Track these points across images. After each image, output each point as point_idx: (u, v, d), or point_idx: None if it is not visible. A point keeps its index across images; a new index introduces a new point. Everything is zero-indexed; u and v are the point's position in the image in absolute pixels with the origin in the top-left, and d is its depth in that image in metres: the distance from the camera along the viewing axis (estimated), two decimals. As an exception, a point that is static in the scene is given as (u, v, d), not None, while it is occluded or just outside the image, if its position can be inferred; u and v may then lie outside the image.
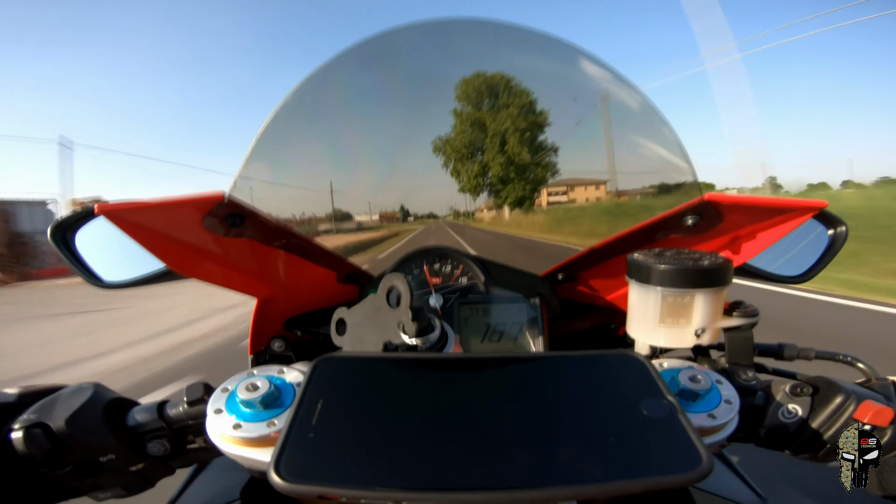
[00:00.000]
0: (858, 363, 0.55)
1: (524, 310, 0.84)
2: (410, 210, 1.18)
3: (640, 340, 0.55)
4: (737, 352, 0.52)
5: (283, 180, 0.90)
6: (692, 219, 0.60)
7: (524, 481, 0.30)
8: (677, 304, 0.51)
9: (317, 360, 0.41)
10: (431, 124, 1.01)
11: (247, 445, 0.40)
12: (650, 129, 0.78)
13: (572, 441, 0.33)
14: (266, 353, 0.81)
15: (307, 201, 1.03)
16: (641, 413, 0.35)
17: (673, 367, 0.48)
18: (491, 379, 0.39)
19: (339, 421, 0.35)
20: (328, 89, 0.82)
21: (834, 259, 0.69)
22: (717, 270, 0.49)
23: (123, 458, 0.47)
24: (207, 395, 0.46)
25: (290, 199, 0.93)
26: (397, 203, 1.19)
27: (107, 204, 0.49)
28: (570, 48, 0.78)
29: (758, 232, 0.63)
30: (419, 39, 0.87)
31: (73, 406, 0.45)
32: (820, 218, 0.75)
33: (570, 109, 0.94)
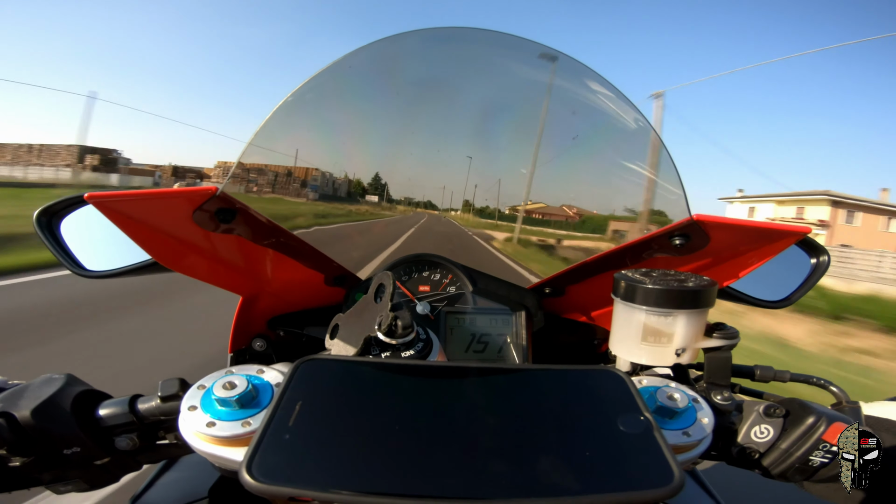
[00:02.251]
0: (831, 387, 0.57)
1: (510, 321, 0.84)
2: (399, 195, 1.20)
3: (622, 357, 0.56)
4: (715, 372, 0.53)
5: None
6: (680, 239, 0.61)
7: (499, 491, 0.30)
8: (660, 323, 0.51)
9: (299, 361, 0.40)
10: (427, 123, 1.02)
11: (219, 444, 0.40)
12: (642, 148, 0.79)
13: (549, 453, 0.33)
14: (246, 351, 0.80)
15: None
16: (618, 428, 0.36)
17: (652, 384, 0.48)
18: (472, 388, 0.39)
19: (317, 423, 0.34)
20: (340, 83, 0.82)
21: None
22: (702, 292, 0.50)
23: (89, 451, 0.45)
24: (183, 391, 0.45)
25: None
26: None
27: (97, 192, 0.49)
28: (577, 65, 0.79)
29: (742, 255, 0.64)
30: (424, 46, 0.88)
31: (42, 397, 0.44)
32: (803, 245, 0.77)
33: (564, 124, 0.95)
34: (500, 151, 1.08)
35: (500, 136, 1.06)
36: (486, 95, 0.99)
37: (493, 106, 1.01)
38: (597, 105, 0.82)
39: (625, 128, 0.82)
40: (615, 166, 0.92)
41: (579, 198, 1.21)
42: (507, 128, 1.05)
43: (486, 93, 0.99)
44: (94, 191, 0.49)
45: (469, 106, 1.00)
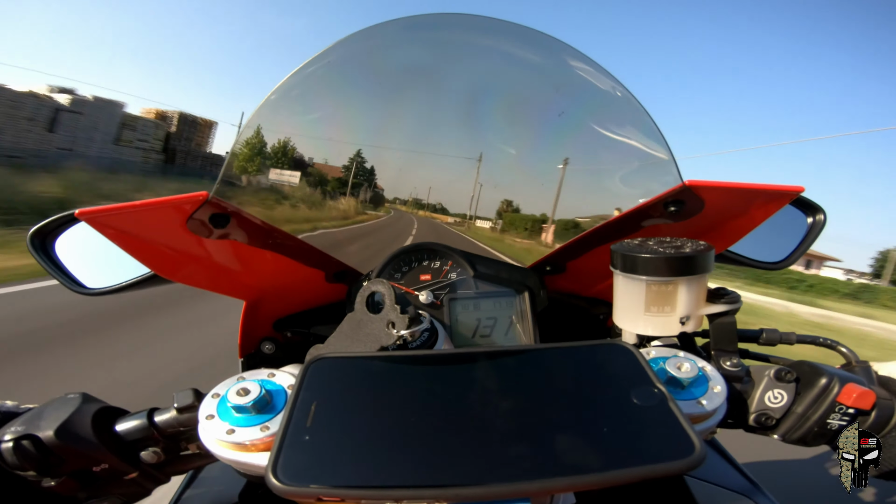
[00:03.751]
0: (839, 347, 0.56)
1: (513, 303, 0.84)
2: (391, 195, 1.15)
3: (627, 329, 0.56)
4: (721, 338, 0.53)
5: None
6: (674, 206, 0.61)
7: (522, 474, 0.30)
8: (661, 292, 0.52)
9: (308, 361, 0.41)
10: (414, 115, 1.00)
11: (242, 450, 0.40)
12: (627, 117, 0.79)
13: (567, 432, 0.33)
14: (256, 355, 0.80)
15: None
16: (633, 402, 0.36)
17: (660, 355, 0.48)
18: (483, 373, 0.40)
19: (334, 422, 0.35)
20: (331, 72, 0.81)
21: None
22: (700, 257, 0.50)
23: (116, 466, 0.46)
24: (198, 400, 0.45)
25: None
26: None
27: (87, 209, 0.48)
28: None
29: (738, 217, 0.64)
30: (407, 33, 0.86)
31: (62, 417, 0.44)
32: (798, 204, 0.77)
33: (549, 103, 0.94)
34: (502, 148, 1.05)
35: (496, 130, 1.04)
36: (473, 85, 0.98)
37: (484, 96, 1.00)
38: (578, 79, 0.81)
39: (608, 99, 0.81)
40: (603, 139, 0.91)
41: (573, 173, 1.19)
42: (499, 118, 1.03)
43: (474, 82, 0.98)
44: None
45: (456, 97, 0.99)
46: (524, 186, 1.11)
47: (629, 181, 0.87)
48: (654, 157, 0.73)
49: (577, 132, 0.97)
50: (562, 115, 0.94)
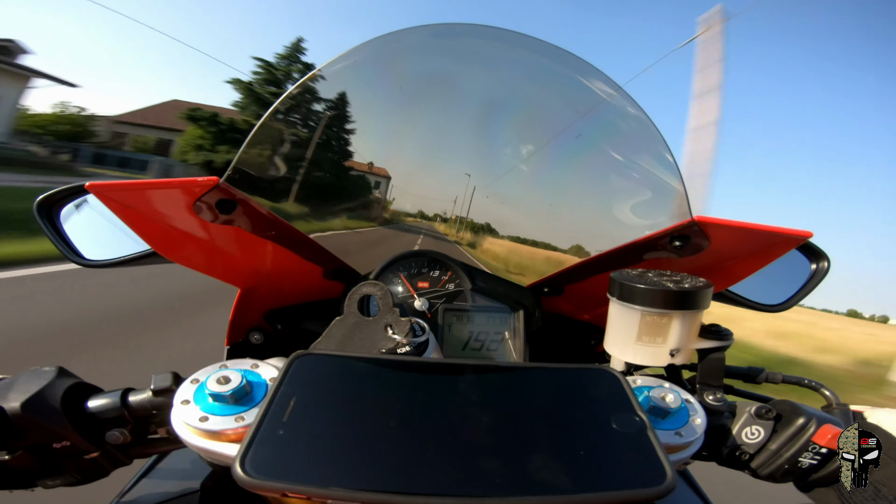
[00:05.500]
0: (822, 389, 0.57)
1: (507, 320, 0.84)
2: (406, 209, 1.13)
3: (616, 356, 0.56)
4: (708, 373, 0.53)
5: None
6: (680, 241, 0.61)
7: (493, 489, 0.30)
8: (655, 323, 0.52)
9: (293, 356, 0.40)
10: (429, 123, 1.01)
11: (212, 439, 0.39)
12: (643, 145, 0.79)
13: (543, 451, 0.33)
14: (243, 345, 0.80)
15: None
16: (612, 427, 0.36)
17: (646, 384, 0.48)
18: (467, 386, 0.40)
19: (311, 419, 0.34)
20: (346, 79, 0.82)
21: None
22: (697, 294, 0.50)
23: (79, 445, 0.45)
24: (175, 385, 0.44)
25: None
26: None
27: (97, 182, 0.49)
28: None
29: (742, 258, 0.64)
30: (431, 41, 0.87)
31: (31, 390, 0.43)
32: (804, 250, 0.76)
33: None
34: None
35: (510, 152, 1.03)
36: (492, 98, 0.98)
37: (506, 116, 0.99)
38: (600, 103, 0.81)
39: (628, 126, 0.82)
40: (617, 164, 0.91)
41: (584, 198, 1.19)
42: (516, 140, 1.03)
43: (494, 95, 0.98)
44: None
45: (475, 109, 0.99)
46: (532, 205, 1.11)
47: (639, 210, 0.87)
48: (667, 188, 0.73)
49: (593, 155, 0.97)
50: (579, 138, 0.94)
